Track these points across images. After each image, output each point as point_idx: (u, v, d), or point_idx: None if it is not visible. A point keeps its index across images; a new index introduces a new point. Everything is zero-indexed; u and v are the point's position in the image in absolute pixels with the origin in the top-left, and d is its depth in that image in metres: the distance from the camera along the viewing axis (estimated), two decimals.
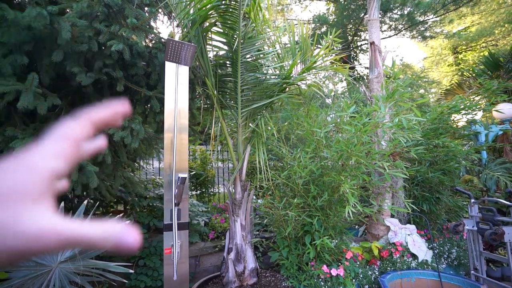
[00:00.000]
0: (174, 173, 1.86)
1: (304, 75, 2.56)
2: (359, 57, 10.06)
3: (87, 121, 0.28)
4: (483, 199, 2.76)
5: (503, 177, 3.78)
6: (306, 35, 2.66)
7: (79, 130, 0.27)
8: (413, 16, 8.34)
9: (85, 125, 0.28)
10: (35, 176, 0.23)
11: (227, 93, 2.74)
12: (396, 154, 3.08)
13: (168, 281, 1.79)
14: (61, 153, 0.25)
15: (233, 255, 2.34)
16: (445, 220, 3.67)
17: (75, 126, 0.27)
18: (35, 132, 1.84)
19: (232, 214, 2.43)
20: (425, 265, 2.79)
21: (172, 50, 1.88)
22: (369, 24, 3.59)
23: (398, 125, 2.14)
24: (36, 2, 1.68)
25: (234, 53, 2.37)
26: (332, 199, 2.36)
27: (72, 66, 1.84)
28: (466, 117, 3.47)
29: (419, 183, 3.42)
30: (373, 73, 3.52)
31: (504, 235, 2.21)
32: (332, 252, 2.48)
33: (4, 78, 1.63)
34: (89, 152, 0.30)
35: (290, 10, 11.38)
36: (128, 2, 1.94)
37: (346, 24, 8.55)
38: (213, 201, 4.45)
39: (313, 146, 2.49)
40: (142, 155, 2.98)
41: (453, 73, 11.91)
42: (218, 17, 2.29)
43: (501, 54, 5.46)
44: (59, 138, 0.26)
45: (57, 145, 0.26)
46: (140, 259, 2.68)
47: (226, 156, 4.94)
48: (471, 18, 11.65)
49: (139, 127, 2.04)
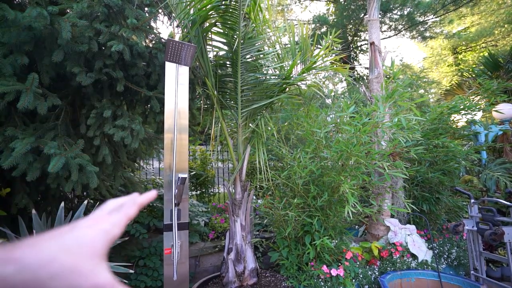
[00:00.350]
0: (174, 173, 1.86)
1: (304, 76, 2.57)
2: (359, 57, 10.06)
3: (137, 204, 0.37)
4: (483, 199, 2.77)
5: (503, 177, 3.78)
6: (306, 36, 2.67)
7: (133, 210, 0.36)
8: (413, 17, 8.34)
9: (136, 207, 0.37)
10: (105, 238, 0.29)
11: (227, 93, 2.74)
12: (396, 154, 3.08)
13: (168, 281, 1.79)
14: (121, 224, 0.33)
15: (233, 255, 2.34)
16: (445, 220, 3.67)
17: (131, 206, 0.36)
18: (35, 132, 1.84)
19: (232, 214, 2.43)
20: (425, 265, 2.79)
21: (172, 51, 1.88)
22: (369, 25, 3.60)
23: (397, 125, 2.15)
24: (36, 2, 1.68)
25: (234, 53, 2.37)
26: (332, 199, 2.37)
27: (72, 66, 1.84)
28: (466, 117, 3.47)
29: (419, 183, 3.42)
30: (373, 73, 3.52)
31: (504, 235, 2.21)
32: (332, 252, 2.48)
33: (4, 78, 1.63)
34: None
35: (290, 11, 11.38)
36: (128, 3, 1.94)
37: (346, 24, 8.55)
38: (213, 201, 4.45)
39: (313, 146, 2.49)
40: (142, 156, 2.98)
41: (453, 74, 11.92)
42: (218, 17, 2.30)
43: (501, 55, 5.47)
44: (122, 213, 0.34)
45: (120, 217, 0.33)
46: (140, 259, 2.67)
47: (226, 156, 4.94)
48: (471, 19, 11.66)
49: (139, 127, 2.04)
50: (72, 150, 1.78)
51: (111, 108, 2.02)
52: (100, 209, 0.34)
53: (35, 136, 1.77)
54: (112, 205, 0.35)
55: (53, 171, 1.63)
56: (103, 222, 0.31)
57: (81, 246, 0.26)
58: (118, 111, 2.07)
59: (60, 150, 1.74)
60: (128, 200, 0.37)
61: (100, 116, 2.01)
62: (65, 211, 1.95)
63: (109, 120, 2.02)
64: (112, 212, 0.34)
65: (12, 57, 1.66)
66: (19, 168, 1.67)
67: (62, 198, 2.42)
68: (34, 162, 1.73)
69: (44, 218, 1.91)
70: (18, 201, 1.98)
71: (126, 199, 0.37)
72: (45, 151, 1.67)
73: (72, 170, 1.73)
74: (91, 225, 0.29)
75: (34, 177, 1.73)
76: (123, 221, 0.33)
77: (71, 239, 0.26)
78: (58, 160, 1.66)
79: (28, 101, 1.62)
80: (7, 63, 1.64)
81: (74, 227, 0.28)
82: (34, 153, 1.74)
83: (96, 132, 2.03)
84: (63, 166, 1.69)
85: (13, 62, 1.66)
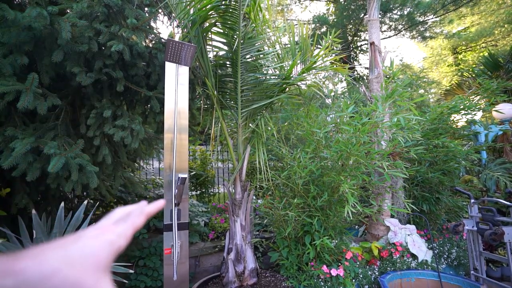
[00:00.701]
0: (174, 173, 1.86)
1: (304, 76, 2.56)
2: (359, 57, 10.06)
3: (145, 214, 0.37)
4: (483, 199, 2.76)
5: (502, 177, 3.78)
6: (306, 36, 2.66)
7: (140, 219, 0.35)
8: (413, 17, 8.34)
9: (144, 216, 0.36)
10: (110, 250, 0.28)
11: (227, 93, 2.74)
12: (396, 154, 3.08)
13: (168, 281, 1.79)
14: (127, 235, 0.32)
15: (233, 255, 2.34)
16: (445, 220, 3.67)
17: (138, 215, 0.35)
18: (35, 132, 1.84)
19: (232, 214, 2.43)
20: (425, 265, 2.79)
21: (172, 51, 1.88)
22: (369, 25, 3.60)
23: (397, 124, 2.15)
24: (36, 2, 1.68)
25: (234, 53, 2.37)
26: (332, 199, 2.37)
27: (72, 66, 1.84)
28: (466, 117, 3.47)
29: (419, 183, 3.42)
30: (373, 73, 3.52)
31: (504, 235, 2.21)
32: (332, 252, 2.48)
33: (4, 78, 1.63)
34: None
35: (290, 11, 11.38)
36: (128, 3, 1.94)
37: (346, 24, 8.55)
38: (213, 201, 4.45)
39: (313, 146, 2.49)
40: (142, 156, 2.98)
41: (453, 74, 11.92)
42: (218, 17, 2.30)
43: (501, 55, 5.47)
44: (128, 223, 0.33)
45: (126, 228, 0.32)
46: (140, 259, 2.68)
47: (226, 156, 4.94)
48: (470, 19, 11.66)
49: (139, 127, 2.04)
50: (72, 150, 1.78)
51: (111, 108, 2.02)
52: (106, 218, 0.33)
53: (35, 136, 1.77)
54: (119, 214, 0.34)
55: (53, 171, 1.63)
56: (108, 232, 0.30)
57: (85, 258, 0.26)
58: (118, 111, 2.07)
59: (60, 150, 1.74)
60: (135, 209, 0.36)
61: (100, 116, 2.01)
62: (65, 211, 1.95)
63: (109, 120, 2.02)
64: (119, 221, 0.33)
65: (12, 57, 1.66)
66: (19, 168, 1.67)
67: (62, 198, 2.42)
68: (34, 162, 1.73)
69: (44, 218, 1.91)
70: (18, 201, 1.98)
71: (133, 207, 0.37)
72: (45, 151, 1.67)
73: (72, 170, 1.73)
74: (97, 236, 0.29)
75: (34, 177, 1.73)
76: (129, 231, 0.32)
77: (75, 251, 0.26)
78: (58, 160, 1.66)
79: (28, 101, 1.62)
80: (7, 63, 1.64)
81: (79, 238, 0.28)
82: (34, 153, 1.74)
83: (96, 132, 2.03)
84: (63, 166, 1.69)
85: (13, 62, 1.66)
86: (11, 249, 1.69)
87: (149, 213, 0.37)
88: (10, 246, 1.71)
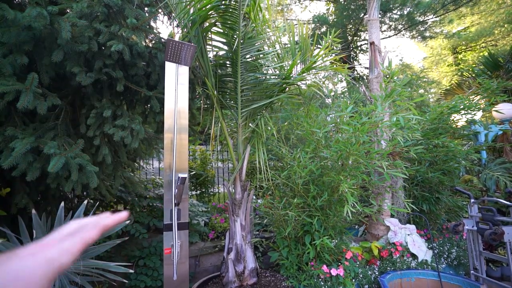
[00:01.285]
0: (174, 173, 1.86)
1: (304, 75, 2.56)
2: (359, 57, 10.06)
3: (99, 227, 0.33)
4: (483, 199, 2.76)
5: (502, 177, 3.78)
6: (306, 35, 2.66)
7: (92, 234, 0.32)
8: (413, 16, 8.34)
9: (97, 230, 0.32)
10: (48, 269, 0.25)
11: (227, 93, 2.74)
12: (396, 154, 3.08)
13: (168, 281, 1.79)
14: (73, 251, 0.28)
15: (233, 255, 2.34)
16: (445, 220, 3.67)
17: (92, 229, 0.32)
18: (35, 132, 1.84)
19: (232, 214, 2.43)
20: (425, 265, 2.79)
21: (172, 50, 1.88)
22: (369, 24, 3.60)
23: (396, 124, 2.15)
24: (36, 2, 1.68)
25: (234, 53, 2.37)
26: (332, 199, 2.37)
27: (72, 66, 1.84)
28: (466, 117, 3.48)
29: (419, 183, 3.42)
30: (372, 73, 3.52)
31: (504, 235, 2.21)
32: (332, 252, 2.49)
33: (4, 78, 1.63)
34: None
35: (290, 10, 11.38)
36: (128, 2, 1.94)
37: (346, 24, 8.55)
38: (213, 201, 4.45)
39: (313, 146, 2.49)
40: (142, 155, 2.98)
41: (453, 73, 11.91)
42: (218, 17, 2.30)
43: (501, 54, 5.47)
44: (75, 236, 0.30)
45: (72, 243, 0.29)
46: (140, 259, 2.68)
47: (226, 156, 4.94)
48: (470, 18, 11.66)
49: (139, 127, 2.04)
50: (72, 150, 1.78)
51: (111, 108, 2.02)
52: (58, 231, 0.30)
53: (35, 136, 1.77)
54: (72, 227, 0.31)
55: (53, 171, 1.63)
56: (50, 248, 0.27)
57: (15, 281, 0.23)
58: (118, 111, 2.07)
59: (60, 150, 1.74)
60: (90, 222, 0.33)
61: (100, 116, 2.01)
62: (65, 211, 1.95)
63: (109, 120, 2.02)
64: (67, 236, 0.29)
65: (12, 57, 1.66)
66: (19, 168, 1.67)
67: (62, 198, 2.42)
68: (34, 162, 1.73)
69: (44, 218, 1.91)
70: (18, 201, 1.98)
71: (89, 220, 0.33)
72: (45, 151, 1.67)
73: (72, 170, 1.73)
74: (35, 253, 0.26)
75: (34, 177, 1.73)
76: (76, 247, 0.29)
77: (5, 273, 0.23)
78: (58, 160, 1.66)
79: (28, 101, 1.62)
80: (6, 63, 1.64)
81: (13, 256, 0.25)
82: (34, 153, 1.74)
83: (96, 132, 2.03)
84: (63, 166, 1.69)
85: (13, 62, 1.66)
86: (11, 249, 1.69)
87: (106, 226, 0.34)
88: (10, 246, 1.71)
